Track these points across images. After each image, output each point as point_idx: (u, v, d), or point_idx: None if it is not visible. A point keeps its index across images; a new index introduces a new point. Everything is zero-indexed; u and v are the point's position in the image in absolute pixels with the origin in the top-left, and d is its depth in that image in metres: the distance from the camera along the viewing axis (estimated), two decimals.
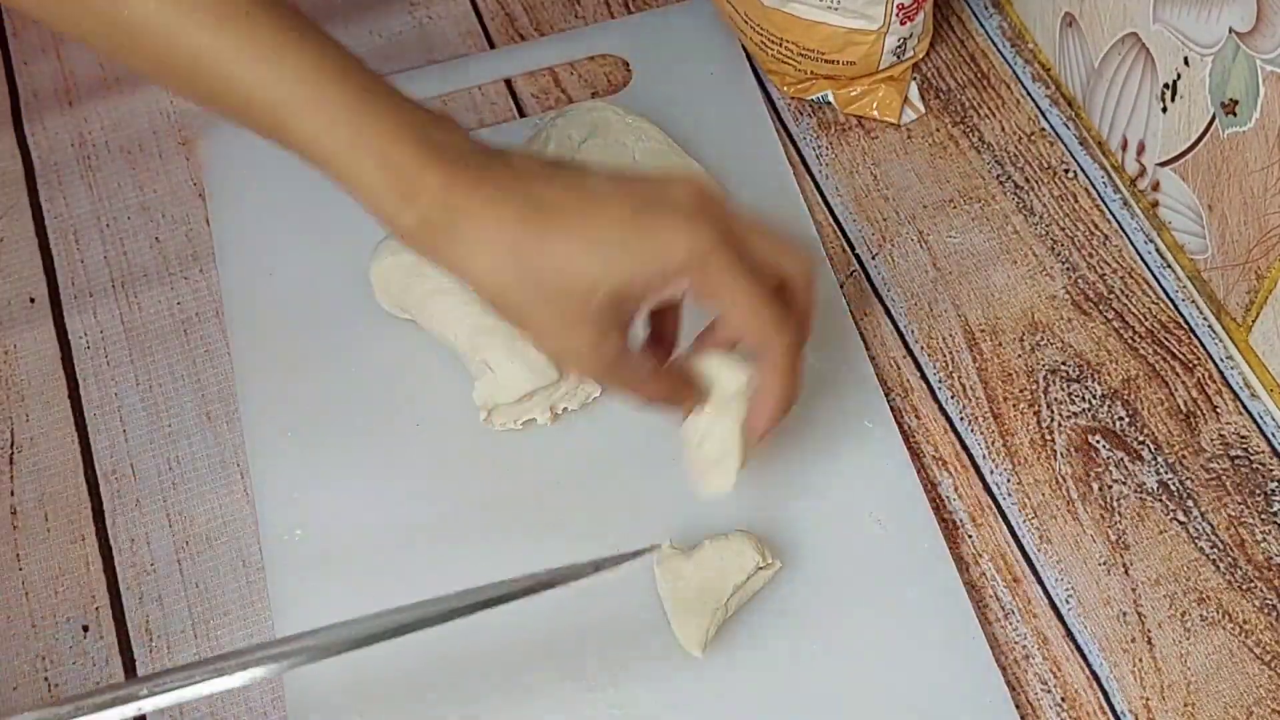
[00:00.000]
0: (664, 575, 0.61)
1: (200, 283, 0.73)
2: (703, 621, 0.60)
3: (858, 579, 0.63)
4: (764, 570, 0.61)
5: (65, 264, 0.74)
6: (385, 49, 0.82)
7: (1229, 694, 0.61)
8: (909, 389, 0.69)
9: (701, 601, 0.60)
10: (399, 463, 0.66)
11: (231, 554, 0.65)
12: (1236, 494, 0.66)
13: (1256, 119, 0.63)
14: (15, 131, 0.79)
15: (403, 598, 0.61)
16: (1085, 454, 0.67)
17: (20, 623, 0.64)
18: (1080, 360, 0.70)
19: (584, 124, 0.70)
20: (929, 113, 0.79)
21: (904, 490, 0.65)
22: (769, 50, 0.77)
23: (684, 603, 0.60)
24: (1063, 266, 0.73)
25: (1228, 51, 0.63)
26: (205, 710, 0.61)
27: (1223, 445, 0.67)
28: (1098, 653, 0.62)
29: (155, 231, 0.75)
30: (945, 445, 0.68)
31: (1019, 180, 0.76)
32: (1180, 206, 0.71)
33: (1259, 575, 0.64)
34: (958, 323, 0.71)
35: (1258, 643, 0.62)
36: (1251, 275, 0.67)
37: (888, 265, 0.73)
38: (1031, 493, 0.66)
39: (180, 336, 0.71)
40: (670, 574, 0.60)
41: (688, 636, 0.60)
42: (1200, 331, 0.71)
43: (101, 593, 0.64)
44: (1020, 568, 0.64)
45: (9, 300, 0.73)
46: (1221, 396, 0.69)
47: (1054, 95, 0.79)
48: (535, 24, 0.83)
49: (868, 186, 0.76)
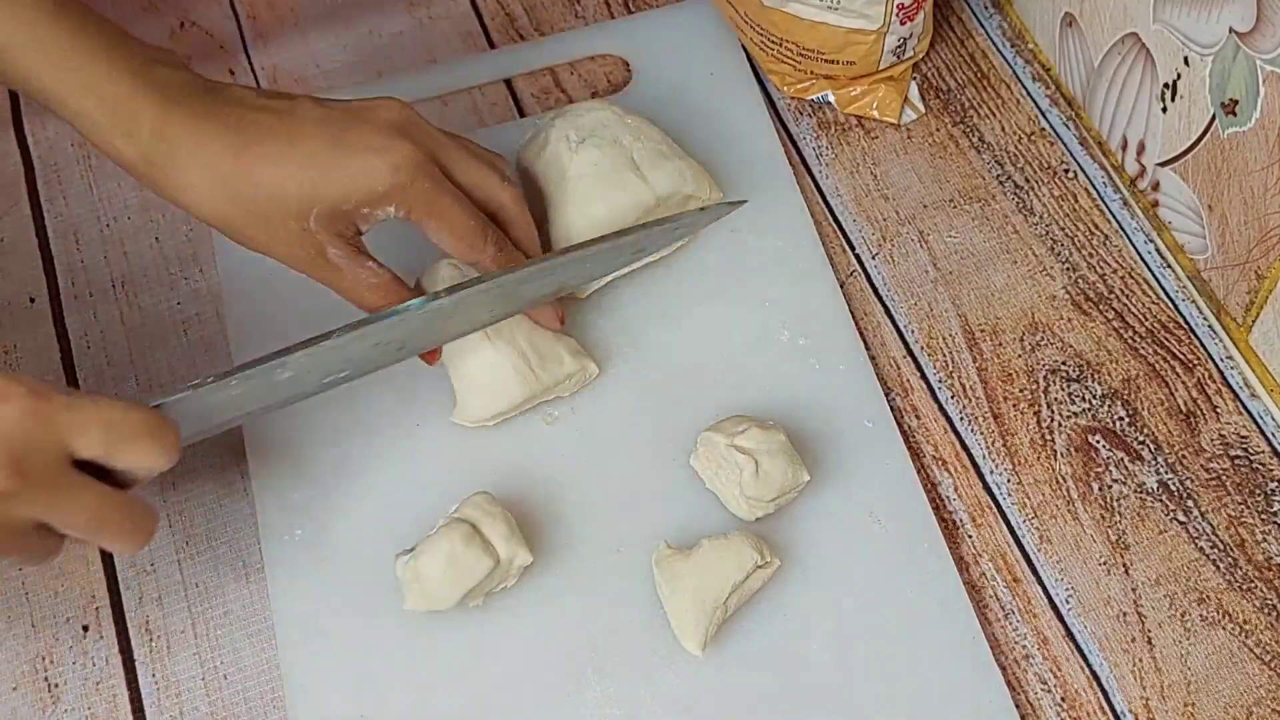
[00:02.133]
0: (662, 575, 0.61)
1: (200, 283, 0.73)
2: (702, 621, 0.60)
3: (858, 578, 0.63)
4: (763, 569, 0.61)
5: (65, 264, 0.74)
6: (385, 49, 0.82)
7: (1229, 694, 0.61)
8: (909, 389, 0.69)
9: (700, 601, 0.60)
10: (399, 463, 0.66)
11: (231, 554, 0.65)
12: (1236, 494, 0.66)
13: (1256, 119, 0.63)
14: (15, 131, 0.79)
15: None
16: (1085, 454, 0.67)
17: (20, 623, 0.64)
18: (1080, 360, 0.70)
19: (582, 124, 0.70)
20: (929, 113, 0.79)
21: (904, 489, 0.65)
22: (769, 50, 0.77)
23: (683, 602, 0.60)
24: (1063, 266, 0.73)
25: (1228, 51, 0.63)
26: (205, 710, 0.61)
27: (1223, 445, 0.67)
28: (1098, 653, 0.62)
29: (155, 231, 0.75)
30: (945, 445, 0.68)
31: (1019, 180, 0.76)
32: (1180, 206, 0.71)
33: (1259, 575, 0.64)
34: (958, 323, 0.71)
35: (1258, 643, 0.62)
36: (1251, 275, 0.67)
37: (888, 265, 0.73)
38: (1031, 493, 0.66)
39: (180, 336, 0.71)
40: (669, 574, 0.60)
41: (687, 636, 0.60)
42: (1200, 331, 0.71)
43: (101, 593, 0.64)
44: (1020, 568, 0.64)
45: (9, 300, 0.73)
46: (1221, 396, 0.69)
47: (1054, 95, 0.79)
48: (535, 24, 0.83)
49: (868, 186, 0.76)
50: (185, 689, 0.62)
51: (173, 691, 0.62)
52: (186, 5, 0.84)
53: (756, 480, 0.61)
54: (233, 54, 0.82)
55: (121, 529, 0.55)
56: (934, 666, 0.61)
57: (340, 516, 0.65)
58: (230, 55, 0.82)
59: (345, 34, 0.83)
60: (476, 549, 0.59)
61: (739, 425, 0.63)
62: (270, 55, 0.82)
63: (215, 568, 0.65)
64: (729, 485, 0.63)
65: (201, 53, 0.82)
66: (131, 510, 0.55)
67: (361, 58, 0.81)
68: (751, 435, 0.62)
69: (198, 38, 0.83)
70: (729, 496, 0.63)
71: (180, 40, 0.82)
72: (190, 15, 0.83)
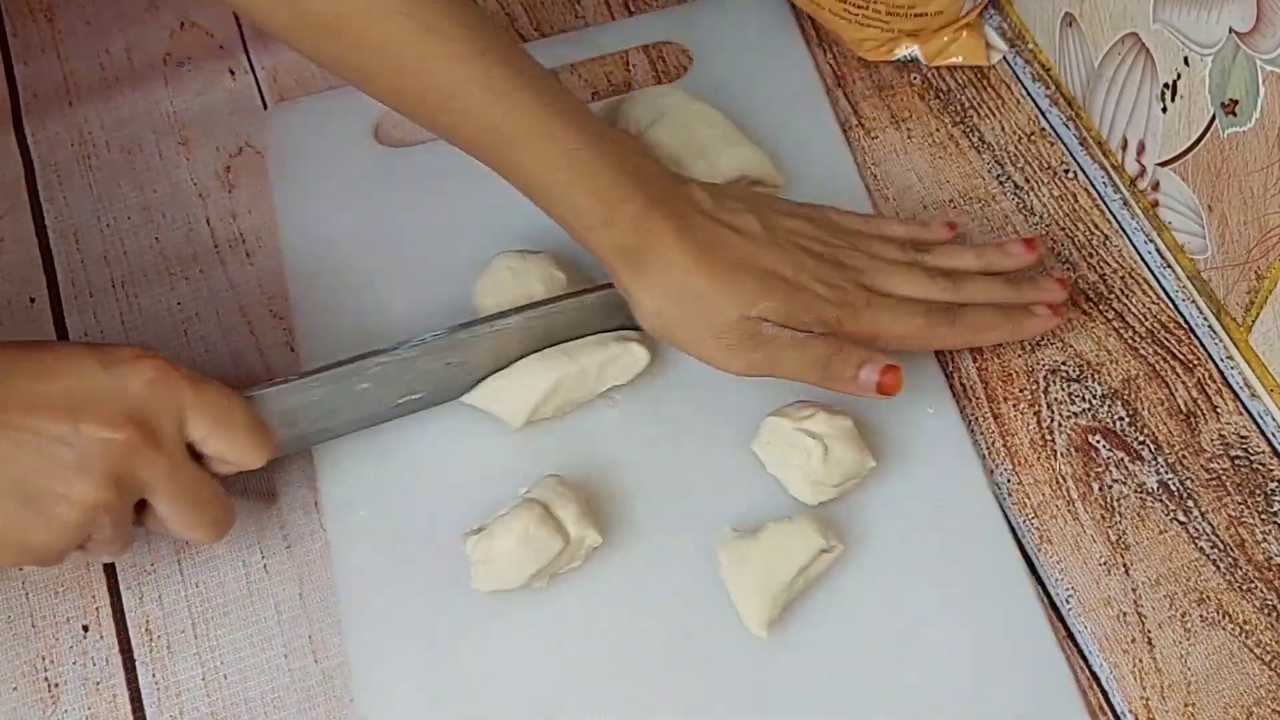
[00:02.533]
0: (727, 558, 0.61)
1: (200, 283, 0.73)
2: (767, 603, 0.60)
3: (920, 564, 0.63)
4: (827, 553, 0.61)
5: (65, 264, 0.74)
6: None
7: (1229, 694, 0.61)
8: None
9: (765, 584, 0.60)
10: (462, 447, 0.66)
11: (231, 554, 0.65)
12: (1236, 494, 0.66)
13: (1256, 119, 0.63)
14: (15, 131, 0.79)
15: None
16: (1085, 454, 0.67)
17: (20, 623, 0.64)
18: (1080, 360, 0.70)
19: (651, 108, 0.70)
20: (929, 113, 0.79)
21: (966, 477, 0.65)
22: (852, 17, 0.78)
23: (748, 585, 0.60)
24: (1063, 266, 0.73)
25: (1228, 51, 0.63)
26: (205, 710, 0.61)
27: (1223, 445, 0.67)
28: (1098, 653, 0.62)
29: (155, 231, 0.75)
30: None
31: (1019, 180, 0.76)
32: (1180, 206, 0.71)
33: (1259, 575, 0.64)
34: None
35: (1258, 643, 0.62)
36: (1251, 275, 0.67)
37: None
38: (1031, 493, 0.66)
39: (180, 336, 0.71)
40: (734, 556, 0.61)
41: (752, 618, 0.60)
42: (1200, 331, 0.71)
43: (101, 593, 0.64)
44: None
45: (9, 300, 0.73)
46: (1221, 396, 0.69)
47: (1054, 95, 0.79)
48: (535, 24, 0.83)
49: (868, 186, 0.76)
50: (185, 689, 0.62)
51: (173, 691, 0.62)
52: (186, 5, 0.84)
53: (825, 464, 0.61)
54: (233, 54, 0.82)
55: (212, 515, 0.59)
56: (997, 654, 0.61)
57: (404, 498, 0.65)
58: (230, 55, 0.82)
59: None
60: (549, 529, 0.60)
61: (805, 410, 0.63)
62: (270, 55, 0.82)
63: (215, 568, 0.65)
64: (794, 469, 0.63)
65: (201, 53, 0.82)
66: (222, 499, 0.59)
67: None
68: (819, 420, 0.62)
69: (198, 38, 0.83)
70: (792, 481, 0.63)
71: (180, 40, 0.82)
72: (190, 15, 0.84)
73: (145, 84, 0.81)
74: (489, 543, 0.60)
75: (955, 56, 0.80)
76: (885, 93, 0.79)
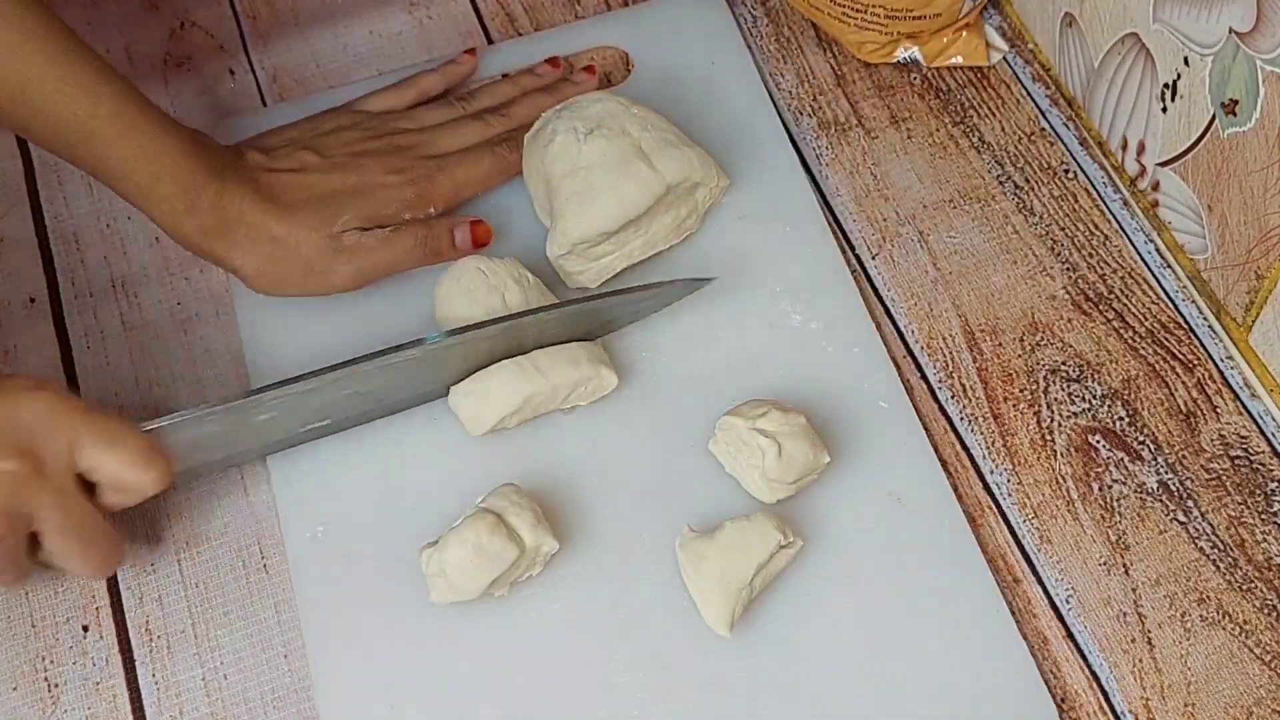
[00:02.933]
0: (687, 558, 0.61)
1: (200, 283, 0.73)
2: (728, 601, 0.60)
3: (880, 556, 0.63)
4: (786, 549, 0.61)
5: (65, 264, 0.74)
6: (385, 49, 0.82)
7: (1229, 694, 0.61)
8: (909, 389, 0.69)
9: (726, 582, 0.60)
10: (419, 458, 0.66)
11: (231, 554, 0.65)
12: (1236, 494, 0.66)
13: (1256, 119, 0.63)
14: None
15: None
16: (1085, 454, 0.67)
17: (20, 623, 0.64)
18: (1080, 360, 0.70)
19: (589, 115, 0.69)
20: (929, 113, 0.79)
21: (922, 468, 0.66)
22: (851, 20, 0.78)
23: (708, 584, 0.60)
24: (1063, 266, 0.73)
25: (1228, 51, 0.63)
26: (205, 710, 0.61)
27: (1223, 445, 0.67)
28: (1098, 653, 0.62)
29: (155, 231, 0.75)
30: (945, 445, 0.68)
31: (1019, 180, 0.76)
32: (1180, 206, 0.71)
33: (1259, 575, 0.64)
34: (958, 323, 0.71)
35: (1258, 643, 0.62)
36: (1251, 275, 0.67)
37: (888, 265, 0.73)
38: (1031, 493, 0.66)
39: (180, 336, 0.71)
40: (693, 556, 0.61)
41: (714, 617, 0.60)
42: (1200, 331, 0.71)
43: (101, 593, 0.64)
44: (1020, 568, 0.64)
45: (9, 300, 0.73)
46: (1221, 396, 0.69)
47: (1054, 95, 0.79)
48: (535, 23, 0.83)
49: (868, 186, 0.76)
50: (185, 689, 0.62)
51: (173, 691, 0.62)
52: (186, 5, 0.84)
53: (779, 463, 0.61)
54: (233, 54, 0.82)
55: (99, 550, 0.58)
56: (958, 642, 0.61)
57: (361, 513, 0.65)
58: (230, 55, 0.82)
59: (345, 34, 0.83)
60: (502, 538, 0.59)
61: (758, 409, 0.63)
62: (270, 55, 0.82)
63: (215, 568, 0.65)
64: (750, 468, 0.63)
65: (201, 53, 0.82)
66: (110, 534, 0.58)
67: (361, 57, 0.81)
68: (772, 418, 0.62)
69: (198, 38, 0.83)
70: (749, 480, 0.63)
71: (180, 40, 0.82)
72: (190, 15, 0.83)
73: (145, 84, 0.80)
74: (441, 555, 0.59)
75: (955, 57, 0.80)
76: (885, 93, 0.79)
